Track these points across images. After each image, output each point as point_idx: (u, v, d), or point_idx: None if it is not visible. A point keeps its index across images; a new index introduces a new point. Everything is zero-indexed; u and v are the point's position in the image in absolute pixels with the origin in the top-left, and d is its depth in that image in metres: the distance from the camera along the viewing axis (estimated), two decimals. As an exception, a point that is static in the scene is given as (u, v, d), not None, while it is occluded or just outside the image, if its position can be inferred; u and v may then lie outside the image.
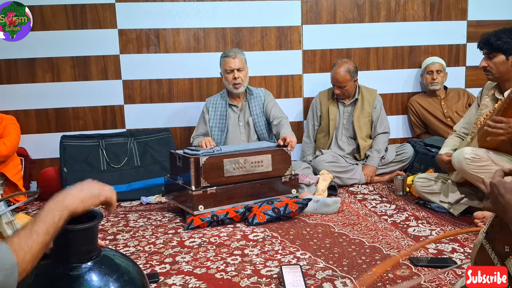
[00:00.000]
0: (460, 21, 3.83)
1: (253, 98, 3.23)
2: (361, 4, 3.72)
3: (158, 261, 2.01)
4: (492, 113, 2.26)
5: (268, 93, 3.30)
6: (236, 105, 3.24)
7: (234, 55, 3.10)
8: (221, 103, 3.24)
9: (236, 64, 3.09)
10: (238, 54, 3.12)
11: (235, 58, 3.09)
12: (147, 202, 3.05)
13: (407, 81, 3.88)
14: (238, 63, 3.09)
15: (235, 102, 3.25)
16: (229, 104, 3.23)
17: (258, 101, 3.24)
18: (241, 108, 3.25)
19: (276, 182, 2.75)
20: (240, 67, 3.10)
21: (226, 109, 3.21)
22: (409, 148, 3.41)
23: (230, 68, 3.09)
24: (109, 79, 3.54)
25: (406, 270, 1.80)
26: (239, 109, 3.25)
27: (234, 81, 3.10)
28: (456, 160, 2.33)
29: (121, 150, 3.38)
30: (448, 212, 2.54)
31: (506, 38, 2.35)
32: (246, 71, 3.16)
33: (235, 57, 3.10)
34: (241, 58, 3.13)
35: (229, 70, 3.10)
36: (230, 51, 3.15)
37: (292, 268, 1.78)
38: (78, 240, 1.07)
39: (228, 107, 3.23)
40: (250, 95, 3.24)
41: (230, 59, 3.10)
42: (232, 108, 3.25)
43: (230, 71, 3.10)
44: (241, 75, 3.10)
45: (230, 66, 3.09)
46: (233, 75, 3.08)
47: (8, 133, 3.03)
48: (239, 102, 3.25)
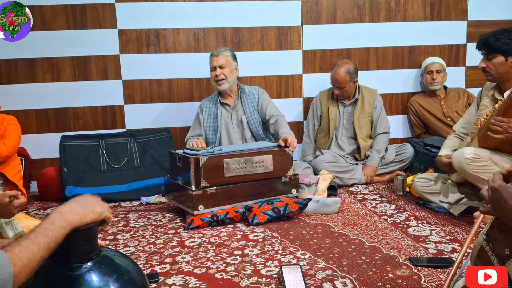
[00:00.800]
0: (460, 21, 3.83)
1: (246, 96, 3.24)
2: (361, 4, 3.72)
3: (158, 261, 2.01)
4: (492, 113, 2.26)
5: (262, 91, 3.30)
6: (228, 103, 3.25)
7: (217, 53, 3.15)
8: (214, 103, 3.26)
9: (218, 61, 3.12)
10: (222, 51, 3.16)
11: (217, 56, 3.14)
12: (147, 202, 3.05)
13: (407, 81, 3.88)
14: (220, 60, 3.12)
15: (227, 100, 3.26)
16: (221, 103, 3.24)
17: (251, 99, 3.24)
18: (234, 106, 3.25)
19: (276, 182, 2.75)
20: (222, 64, 3.12)
21: (218, 108, 3.22)
22: (409, 148, 3.41)
23: (212, 66, 3.15)
24: (109, 79, 3.54)
25: (406, 270, 1.80)
26: (231, 107, 3.25)
27: (216, 78, 3.13)
28: (457, 160, 2.33)
29: (121, 150, 3.38)
30: (448, 212, 2.54)
31: (505, 39, 2.34)
32: (232, 68, 3.17)
33: (217, 55, 3.14)
34: (225, 55, 3.15)
35: (212, 68, 3.16)
36: (215, 50, 3.21)
37: (292, 268, 1.78)
38: (78, 240, 1.07)
39: (220, 105, 3.24)
40: (242, 93, 3.25)
41: (213, 58, 3.16)
42: (224, 106, 3.25)
43: (213, 69, 3.15)
44: (224, 71, 3.12)
45: (213, 64, 3.15)
46: (215, 72, 3.13)
47: (9, 134, 3.03)
48: (231, 101, 3.26)
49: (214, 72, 3.14)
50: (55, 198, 3.17)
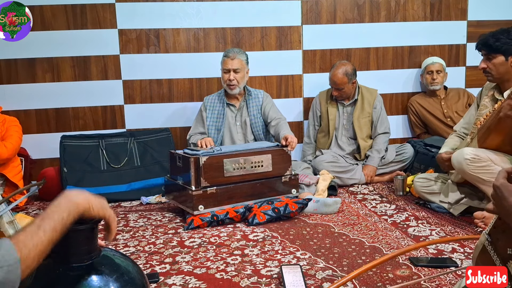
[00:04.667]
0: (460, 21, 3.83)
1: (252, 99, 3.24)
2: (361, 4, 3.72)
3: (158, 261, 2.01)
4: (492, 113, 2.26)
5: (266, 95, 3.31)
6: (234, 104, 3.25)
7: (233, 56, 3.10)
8: (219, 102, 3.25)
9: (233, 65, 3.09)
10: (238, 55, 3.12)
11: (233, 59, 3.10)
12: (147, 202, 3.05)
13: (407, 81, 3.88)
14: (236, 64, 3.09)
15: (233, 101, 3.26)
16: (227, 104, 3.24)
17: (256, 102, 3.24)
18: (239, 108, 3.25)
19: (276, 182, 2.75)
20: (238, 68, 3.10)
21: (224, 108, 3.22)
22: (409, 148, 3.41)
23: (227, 68, 3.11)
24: (109, 79, 3.54)
25: (406, 270, 1.80)
26: (236, 108, 3.25)
27: (229, 82, 3.11)
28: (456, 161, 2.33)
29: (121, 150, 3.38)
30: (448, 212, 2.54)
31: (505, 39, 2.34)
32: (244, 73, 3.16)
33: (234, 58, 3.10)
34: (241, 59, 3.12)
35: (226, 70, 3.12)
36: (231, 51, 3.15)
37: (292, 268, 1.78)
38: (78, 240, 1.07)
39: (226, 106, 3.23)
40: (248, 95, 3.25)
41: (228, 60, 3.11)
42: (229, 107, 3.25)
43: (226, 71, 3.11)
44: (237, 76, 3.10)
45: (227, 66, 3.10)
46: (229, 76, 3.10)
47: (10, 135, 3.02)
48: (237, 102, 3.26)
49: (227, 75, 3.11)
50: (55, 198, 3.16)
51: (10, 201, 2.75)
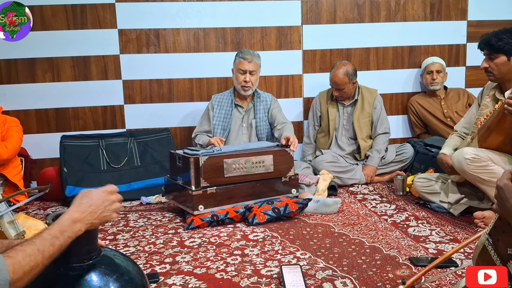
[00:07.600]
0: (460, 21, 3.83)
1: (260, 102, 3.25)
2: (361, 4, 3.72)
3: (158, 261, 2.01)
4: (493, 113, 2.26)
5: (274, 99, 3.35)
6: (242, 105, 3.26)
7: (251, 59, 3.13)
8: (227, 102, 3.25)
9: (251, 67, 3.12)
10: (255, 58, 3.15)
11: (250, 62, 3.12)
12: (147, 202, 3.05)
13: (407, 81, 3.88)
14: (252, 66, 3.13)
15: (241, 102, 3.27)
16: (235, 104, 3.25)
17: (264, 105, 3.26)
18: (247, 109, 3.27)
19: (276, 182, 2.75)
20: (254, 71, 3.13)
21: (232, 108, 3.23)
22: (409, 148, 3.41)
23: (243, 69, 3.12)
24: (109, 79, 3.54)
25: (406, 270, 1.80)
26: (244, 110, 3.26)
27: (244, 84, 3.13)
28: (456, 161, 2.33)
29: (121, 150, 3.38)
30: (448, 212, 2.54)
31: (507, 39, 2.34)
32: (258, 75, 3.20)
33: (251, 61, 3.13)
34: (257, 63, 3.16)
35: (242, 71, 3.13)
36: (248, 53, 3.15)
37: (292, 268, 1.78)
38: (78, 240, 1.07)
39: (234, 107, 3.24)
40: (257, 98, 3.27)
41: (245, 62, 3.12)
42: (237, 108, 3.26)
43: (243, 72, 3.13)
44: (252, 78, 3.14)
45: (244, 68, 3.12)
46: (245, 77, 3.11)
47: (11, 136, 3.02)
48: (245, 104, 3.27)
49: (243, 76, 3.12)
50: (55, 198, 3.17)
51: (12, 201, 2.75)
